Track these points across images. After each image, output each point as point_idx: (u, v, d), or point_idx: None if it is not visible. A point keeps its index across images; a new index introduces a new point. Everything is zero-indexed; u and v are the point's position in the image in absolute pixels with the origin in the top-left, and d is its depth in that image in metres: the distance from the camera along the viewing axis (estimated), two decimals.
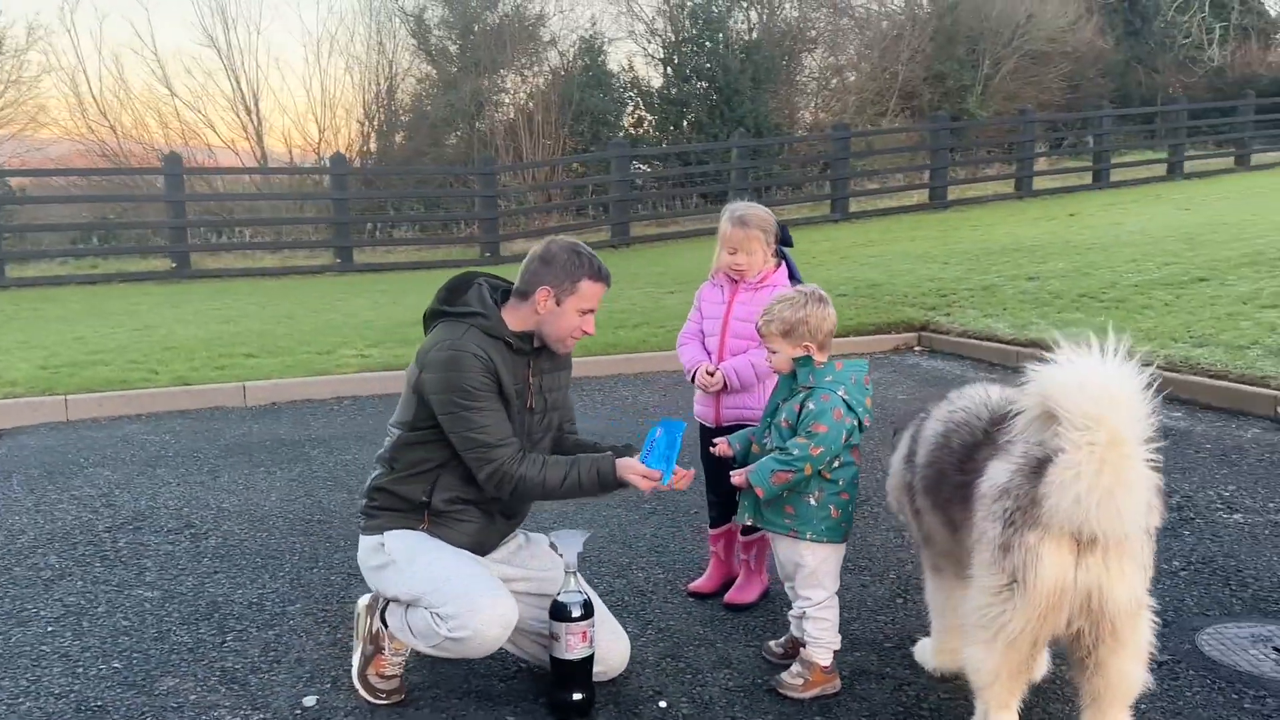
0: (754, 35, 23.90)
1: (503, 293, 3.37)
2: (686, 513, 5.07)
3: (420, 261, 16.47)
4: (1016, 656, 2.62)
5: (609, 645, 3.30)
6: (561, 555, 3.19)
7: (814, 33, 26.19)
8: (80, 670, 3.61)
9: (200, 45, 31.65)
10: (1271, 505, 4.79)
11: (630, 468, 3.19)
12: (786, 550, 3.32)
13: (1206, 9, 29.81)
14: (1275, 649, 3.47)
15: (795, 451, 3.16)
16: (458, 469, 3.26)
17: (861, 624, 3.77)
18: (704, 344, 3.97)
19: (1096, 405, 2.38)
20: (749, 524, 3.43)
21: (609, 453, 3.27)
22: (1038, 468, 2.56)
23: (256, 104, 20.85)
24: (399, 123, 22.42)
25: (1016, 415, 2.60)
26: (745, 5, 24.51)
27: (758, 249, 3.84)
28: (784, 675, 3.32)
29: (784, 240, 3.98)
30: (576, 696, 3.17)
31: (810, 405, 3.19)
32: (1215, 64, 29.59)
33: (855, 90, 25.63)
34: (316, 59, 22.08)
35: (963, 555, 3.07)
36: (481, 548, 3.33)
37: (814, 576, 3.27)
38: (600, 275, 3.29)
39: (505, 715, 3.22)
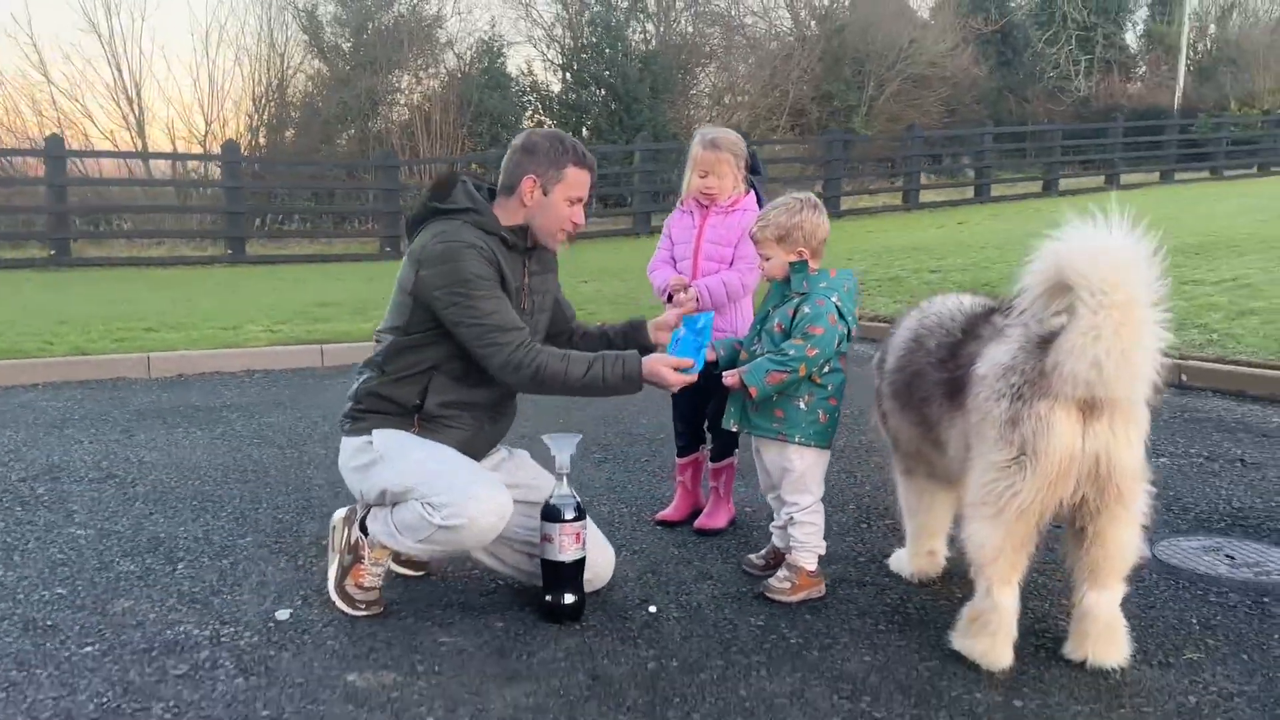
0: (652, 45, 24.17)
1: (488, 192, 3.29)
2: (639, 459, 5.05)
3: (316, 255, 16.01)
4: (1023, 529, 2.68)
5: (596, 554, 3.25)
6: (555, 455, 3.13)
7: (708, 48, 26.64)
8: (21, 597, 3.37)
9: (80, 30, 30.13)
10: (1192, 450, 5.05)
11: (659, 362, 3.14)
12: (774, 456, 3.33)
13: (1073, 42, 31.46)
14: (1227, 556, 3.65)
15: (791, 352, 3.18)
16: (452, 370, 3.17)
17: (832, 544, 3.79)
18: (675, 269, 3.96)
19: (1114, 270, 2.47)
20: (734, 429, 3.42)
21: (634, 351, 3.20)
22: (1041, 344, 2.64)
23: (139, 93, 20.01)
24: (290, 119, 21.81)
25: (1023, 292, 2.67)
26: (643, 17, 24.77)
27: (728, 172, 3.86)
28: (771, 580, 3.33)
29: (753, 169, 4.01)
30: (569, 599, 3.11)
31: (806, 309, 3.22)
32: (1081, 94, 31.24)
33: (748, 106, 26.14)
34: (205, 48, 21.28)
35: (932, 455, 3.16)
36: (473, 451, 3.24)
37: (801, 481, 3.29)
38: (585, 162, 3.21)
39: (493, 623, 3.14)
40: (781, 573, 3.32)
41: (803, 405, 3.26)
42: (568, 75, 23.12)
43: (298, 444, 5.42)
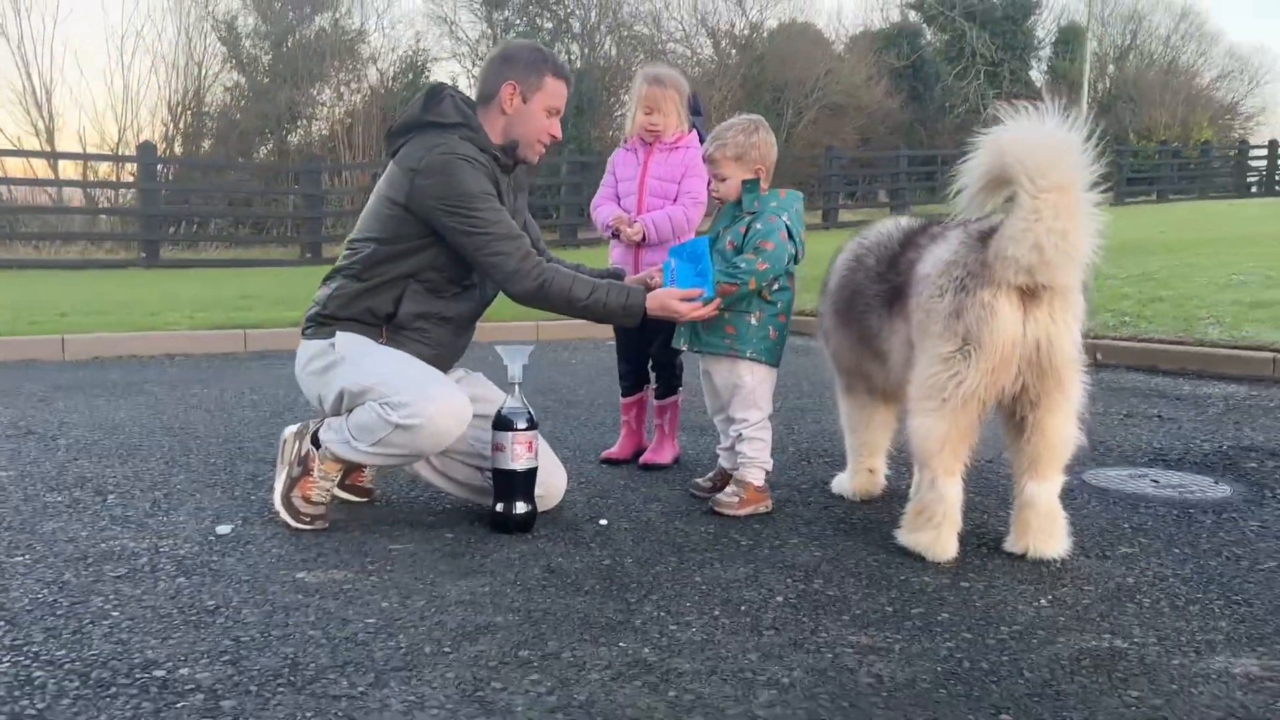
0: (577, 66, 24.35)
1: (471, 106, 3.23)
2: (578, 419, 5.05)
3: (235, 259, 15.68)
4: (966, 419, 2.76)
5: (547, 473, 3.23)
6: (507, 366, 3.12)
7: (633, 70, 26.93)
8: None
9: None
10: (1112, 410, 5.23)
11: (667, 296, 3.14)
12: (725, 373, 3.37)
13: (982, 78, 32.56)
14: (1152, 480, 3.79)
15: (743, 265, 3.23)
16: (429, 281, 3.14)
17: (775, 476, 3.85)
18: (620, 205, 4.00)
19: (1050, 155, 2.58)
20: (684, 349, 3.46)
21: (641, 286, 3.23)
22: (981, 239, 2.74)
23: (49, 99, 19.45)
24: (207, 129, 21.40)
25: (963, 187, 2.76)
26: (568, 39, 24.96)
27: (672, 109, 3.92)
28: (720, 495, 3.36)
29: (695, 109, 4.08)
30: (520, 508, 3.09)
31: (758, 225, 3.28)
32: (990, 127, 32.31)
33: None
34: (120, 55, 20.73)
35: (873, 369, 3.24)
36: (438, 365, 3.21)
37: (751, 396, 3.33)
38: (563, 73, 3.25)
39: (444, 534, 3.10)
40: (730, 488, 3.36)
41: (753, 321, 3.31)
42: None
43: (226, 409, 5.29)
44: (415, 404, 2.91)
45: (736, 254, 3.29)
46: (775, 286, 3.31)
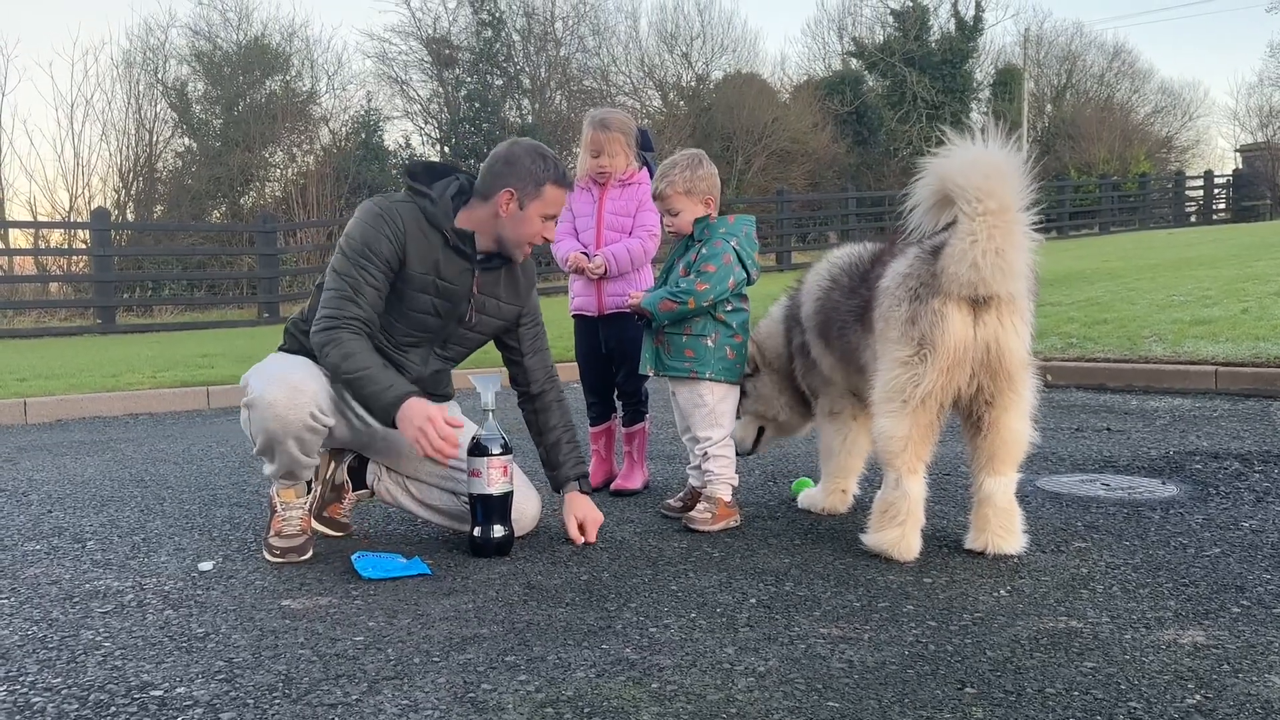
0: (529, 120, 24.68)
1: (463, 193, 3.27)
2: None
3: (192, 322, 15.63)
4: (925, 418, 2.90)
5: (523, 497, 3.33)
6: (480, 394, 3.22)
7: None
8: None
9: None
10: (1063, 426, 5.42)
11: (422, 413, 2.96)
12: (687, 394, 3.49)
13: (923, 120, 33.39)
14: (1103, 484, 3.96)
15: (683, 285, 3.39)
16: (389, 321, 3.20)
17: (743, 497, 3.97)
18: (578, 240, 4.13)
19: (986, 179, 2.76)
20: (650, 374, 3.58)
21: (409, 390, 3.02)
22: (934, 252, 2.91)
23: None
24: (158, 195, 21.38)
25: (913, 204, 2.94)
26: (519, 94, 25.32)
27: (619, 151, 4.07)
28: (693, 512, 3.47)
29: (645, 145, 4.24)
30: (498, 532, 3.18)
31: (704, 250, 3.43)
32: None
33: None
34: (70, 122, 20.66)
35: (860, 386, 3.37)
36: None
37: (713, 415, 3.46)
38: (564, 181, 3.26)
39: (424, 560, 3.17)
40: (701, 504, 3.47)
41: (710, 343, 3.44)
42: (446, 149, 23.37)
43: (195, 461, 5.32)
44: (253, 385, 3.11)
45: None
46: (729, 308, 3.45)
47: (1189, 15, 67.33)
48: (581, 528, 3.29)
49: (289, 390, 3.04)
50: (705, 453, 3.47)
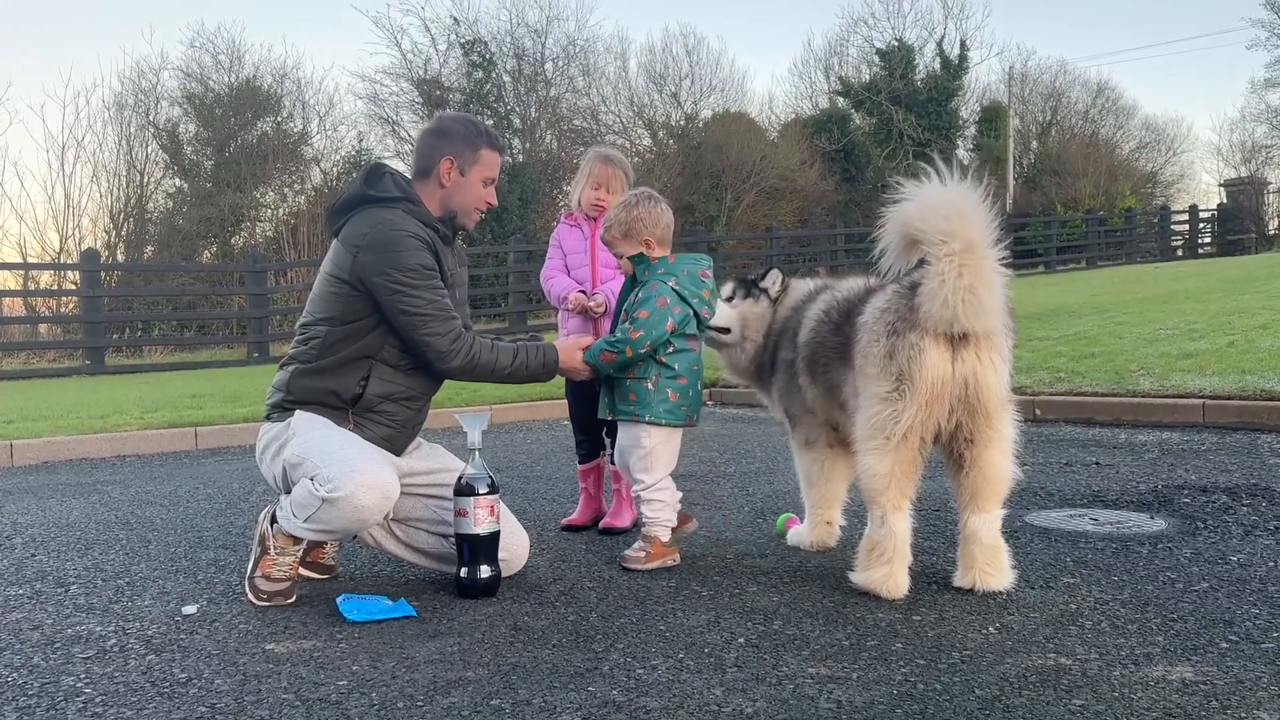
0: (519, 159, 24.83)
1: (408, 183, 3.34)
2: (536, 493, 5.12)
3: (181, 363, 15.59)
4: (907, 454, 2.90)
5: (511, 536, 3.31)
6: (467, 432, 3.21)
7: (574, 162, 27.53)
8: None
9: None
10: (1052, 460, 5.42)
11: (574, 346, 3.41)
12: (628, 436, 3.47)
13: (910, 157, 33.69)
14: (1091, 519, 3.96)
15: (618, 334, 3.38)
16: (389, 358, 3.22)
17: (731, 534, 3.96)
18: (570, 276, 4.14)
19: (948, 220, 2.78)
20: (609, 418, 3.55)
21: (551, 343, 3.40)
22: (912, 288, 2.92)
23: None
24: (149, 236, 21.41)
25: (883, 248, 2.96)
26: (510, 134, 25.47)
27: (619, 188, 4.10)
28: (628, 551, 3.46)
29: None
30: (484, 572, 3.16)
31: (639, 295, 3.42)
32: None
33: None
34: (61, 164, 20.79)
35: (840, 419, 3.37)
36: (395, 446, 3.29)
37: (648, 458, 3.41)
38: (498, 145, 3.38)
39: (409, 602, 3.15)
40: (638, 543, 3.46)
41: (650, 386, 3.41)
42: None
43: (181, 503, 5.29)
44: (339, 479, 2.96)
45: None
46: (670, 349, 3.41)
47: (1171, 53, 68.40)
48: None
49: (381, 498, 3.01)
50: (638, 495, 3.45)
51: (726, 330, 3.72)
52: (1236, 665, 2.38)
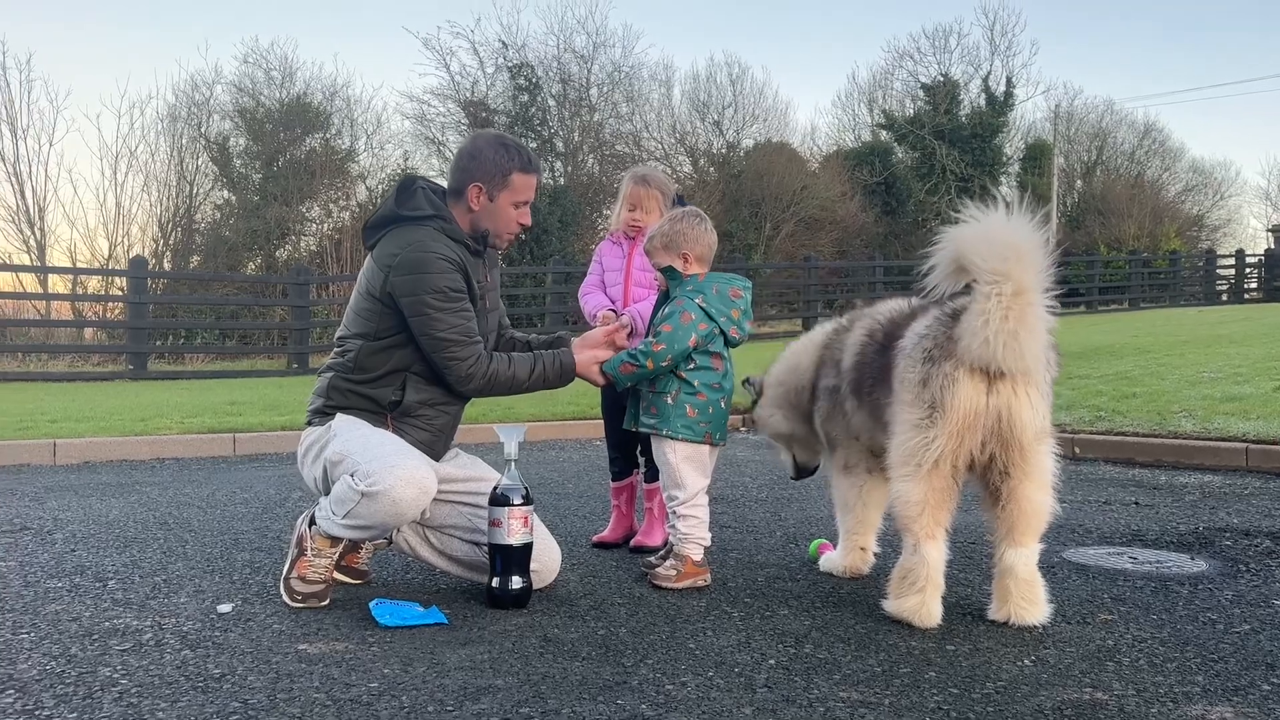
0: (560, 182, 25.03)
1: (441, 195, 3.39)
2: (568, 510, 5.13)
3: (222, 370, 15.79)
4: (940, 482, 2.87)
5: (543, 548, 3.32)
6: (503, 443, 3.23)
7: (615, 187, 27.70)
8: None
9: None
10: (1090, 499, 5.36)
11: (591, 354, 3.41)
12: (656, 450, 3.49)
13: (953, 192, 33.56)
14: (1130, 558, 3.90)
15: (641, 347, 3.40)
16: (424, 371, 3.27)
17: (764, 557, 3.94)
18: (606, 294, 4.17)
19: (1003, 260, 2.74)
20: (634, 430, 3.56)
21: (568, 348, 3.43)
22: (954, 315, 2.90)
23: (41, 216, 19.80)
24: (196, 246, 21.77)
25: (932, 272, 2.94)
26: (552, 157, 25.69)
27: (655, 207, 4.11)
28: (659, 568, 3.45)
29: (680, 205, 4.28)
30: (516, 583, 3.17)
31: (665, 309, 3.44)
32: None
33: None
34: (114, 172, 21.19)
35: (884, 439, 3.33)
36: (434, 451, 3.32)
37: (675, 474, 3.41)
38: (530, 167, 3.36)
39: (441, 610, 3.16)
40: (669, 561, 3.44)
41: (669, 401, 3.41)
42: None
43: (219, 505, 5.35)
44: (378, 474, 3.00)
45: None
46: (691, 365, 3.41)
47: (1220, 95, 67.81)
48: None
49: (419, 493, 3.05)
50: (673, 510, 3.45)
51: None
52: (1279, 708, 2.34)
